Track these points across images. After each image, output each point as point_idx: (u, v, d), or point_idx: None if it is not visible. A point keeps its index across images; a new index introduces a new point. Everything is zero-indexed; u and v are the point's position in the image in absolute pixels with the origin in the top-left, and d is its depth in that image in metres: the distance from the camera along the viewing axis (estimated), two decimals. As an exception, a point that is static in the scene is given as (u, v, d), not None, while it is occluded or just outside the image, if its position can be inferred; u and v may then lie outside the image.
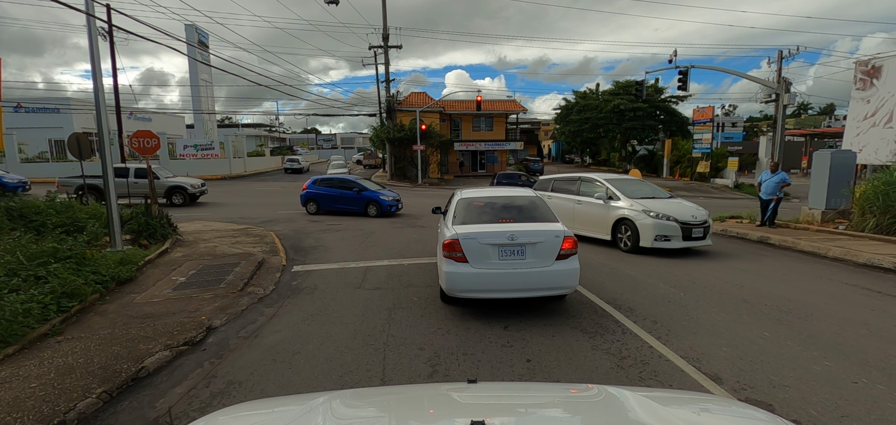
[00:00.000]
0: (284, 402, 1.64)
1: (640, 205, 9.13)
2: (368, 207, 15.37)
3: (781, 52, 21.28)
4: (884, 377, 3.78)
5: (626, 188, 9.78)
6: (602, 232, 9.66)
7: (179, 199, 17.23)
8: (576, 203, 10.33)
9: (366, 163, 51.74)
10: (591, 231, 9.90)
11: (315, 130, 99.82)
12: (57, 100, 33.95)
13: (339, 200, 15.58)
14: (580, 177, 10.76)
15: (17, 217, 8.33)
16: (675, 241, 8.72)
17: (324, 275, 7.35)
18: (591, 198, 9.98)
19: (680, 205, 9.37)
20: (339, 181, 16.19)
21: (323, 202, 15.67)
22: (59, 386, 3.60)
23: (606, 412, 1.39)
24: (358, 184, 15.89)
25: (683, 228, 8.72)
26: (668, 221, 8.74)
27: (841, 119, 48.66)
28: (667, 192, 10.26)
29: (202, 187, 18.25)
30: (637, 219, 8.94)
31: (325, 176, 17.24)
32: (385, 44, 31.69)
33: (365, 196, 15.43)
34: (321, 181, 16.20)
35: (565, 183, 11.05)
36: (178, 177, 18.34)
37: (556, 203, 10.29)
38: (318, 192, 15.74)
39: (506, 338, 4.62)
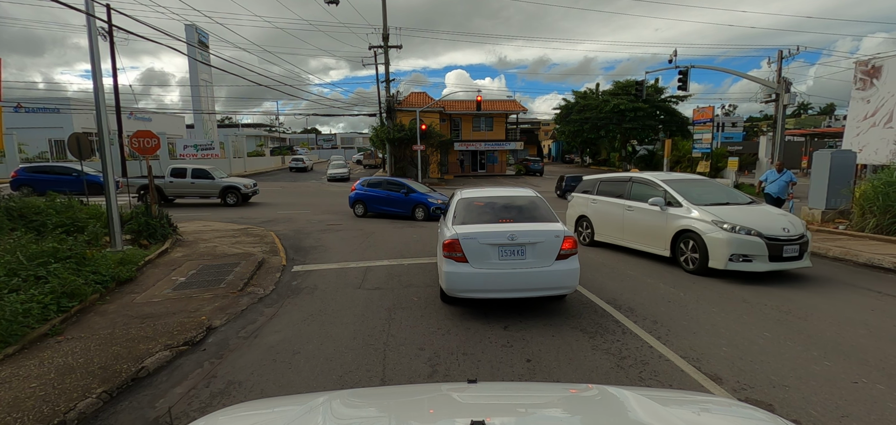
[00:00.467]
0: (284, 402, 1.64)
1: (709, 213, 7.18)
2: (416, 210, 15.01)
3: (781, 52, 21.27)
4: (884, 377, 3.78)
5: (690, 191, 7.88)
6: (658, 246, 7.92)
7: (233, 199, 17.26)
8: (625, 209, 8.65)
9: (366, 163, 51.75)
10: (645, 244, 8.25)
11: (315, 130, 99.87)
12: (57, 100, 33.94)
13: (387, 202, 15.30)
14: (632, 178, 8.92)
15: (17, 217, 8.33)
16: (758, 263, 6.68)
17: (324, 275, 7.35)
18: (644, 203, 8.19)
19: (764, 215, 7.31)
20: (387, 183, 15.99)
21: (371, 204, 15.42)
22: (59, 386, 3.60)
23: (606, 412, 1.39)
24: (406, 185, 15.62)
25: (771, 245, 6.65)
26: (749, 236, 6.68)
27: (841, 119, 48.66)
28: (745, 197, 8.26)
29: (254, 187, 18.29)
30: (706, 232, 6.98)
31: (373, 178, 16.82)
32: (385, 44, 31.68)
33: (412, 198, 15.12)
34: (370, 183, 15.99)
35: (613, 184, 9.38)
36: (232, 177, 18.47)
37: (601, 208, 9.29)
38: (366, 194, 15.51)
39: (506, 338, 4.62)
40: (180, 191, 17.24)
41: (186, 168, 17.55)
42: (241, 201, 17.52)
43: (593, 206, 9.57)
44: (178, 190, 17.18)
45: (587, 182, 10.28)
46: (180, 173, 17.24)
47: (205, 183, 17.18)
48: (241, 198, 17.48)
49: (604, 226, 9.24)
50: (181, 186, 17.15)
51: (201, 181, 17.18)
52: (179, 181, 17.09)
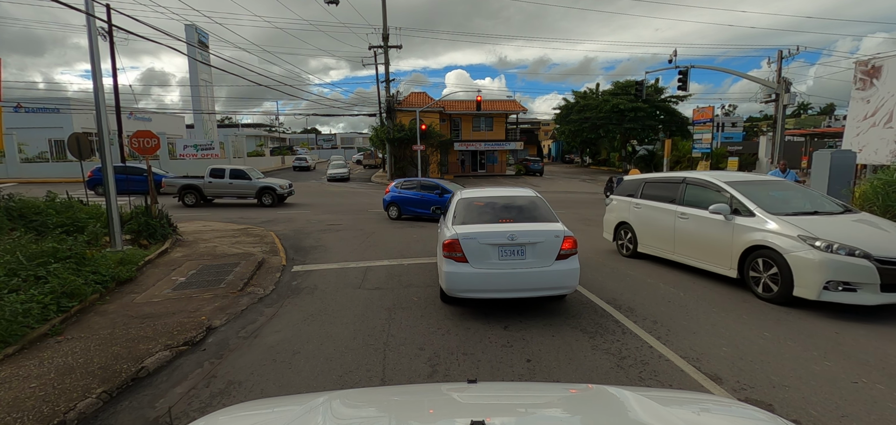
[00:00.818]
0: (284, 402, 1.64)
1: (792, 225, 5.58)
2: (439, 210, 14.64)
3: (781, 52, 21.28)
4: (884, 377, 3.78)
5: (763, 196, 6.32)
6: (721, 263, 6.36)
7: (269, 200, 17.31)
8: (677, 216, 7.18)
9: (366, 163, 51.75)
10: (702, 260, 6.72)
11: (315, 130, 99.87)
12: (57, 100, 33.93)
13: (422, 204, 14.73)
14: (685, 179, 7.36)
15: (17, 217, 8.33)
16: (866, 293, 4.99)
17: (324, 275, 7.35)
18: (702, 210, 6.71)
19: (869, 228, 5.65)
20: (420, 184, 15.53)
21: (405, 206, 14.90)
22: (59, 386, 3.60)
23: (606, 412, 1.39)
24: (440, 186, 15.31)
25: (885, 270, 4.92)
26: (852, 258, 5.02)
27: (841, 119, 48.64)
28: (836, 203, 6.54)
29: (289, 188, 18.31)
30: (790, 251, 5.40)
31: (407, 180, 16.29)
32: (385, 44, 31.69)
33: (447, 199, 14.90)
34: (404, 185, 15.51)
35: (662, 186, 7.91)
36: (269, 178, 18.44)
37: (646, 215, 8.01)
38: (401, 196, 15.01)
39: (506, 338, 4.62)
40: (219, 191, 17.40)
41: (224, 168, 17.68)
42: (277, 202, 17.51)
43: (637, 212, 8.29)
44: (217, 190, 17.36)
45: (629, 183, 8.99)
46: (219, 174, 17.40)
47: (242, 183, 17.30)
48: (277, 198, 17.47)
49: (649, 235, 7.98)
50: (220, 186, 17.30)
51: (239, 181, 17.30)
52: (218, 181, 17.26)
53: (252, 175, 17.68)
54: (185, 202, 17.14)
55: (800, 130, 49.25)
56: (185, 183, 17.41)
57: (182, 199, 17.21)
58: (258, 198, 17.40)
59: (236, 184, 17.31)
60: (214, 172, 17.49)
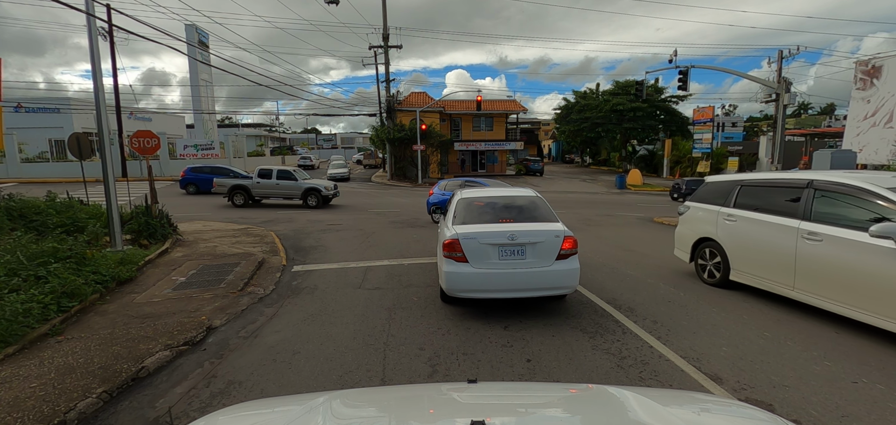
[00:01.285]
0: (284, 402, 1.64)
1: None
2: None
3: (782, 52, 21.26)
4: (884, 377, 3.78)
5: None
6: (890, 312, 4.30)
7: (314, 201, 17.24)
8: (803, 237, 5.12)
9: (366, 163, 51.77)
10: (855, 305, 4.63)
11: (315, 130, 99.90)
12: (57, 100, 33.96)
13: None
14: (813, 182, 5.25)
15: (17, 217, 8.33)
16: None
17: (324, 275, 7.35)
18: (847, 229, 4.72)
19: None
20: (465, 184, 14.39)
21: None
22: (59, 386, 3.60)
23: (606, 412, 1.39)
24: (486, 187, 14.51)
25: None
26: None
27: (841, 119, 48.63)
28: None
29: (335, 190, 18.17)
30: None
31: (451, 180, 15.29)
32: (385, 44, 31.70)
33: None
34: (449, 187, 14.54)
35: (771, 192, 5.83)
36: (314, 179, 18.40)
37: (744, 230, 5.98)
38: (445, 199, 13.70)
39: (506, 338, 4.62)
40: (266, 192, 17.41)
41: (272, 170, 17.67)
42: (322, 203, 17.38)
43: (729, 226, 6.23)
44: (264, 190, 17.37)
45: (715, 186, 6.85)
46: (267, 174, 17.43)
47: (288, 184, 17.31)
48: (322, 200, 17.36)
49: (750, 259, 5.94)
50: (267, 187, 17.32)
51: (285, 182, 17.32)
52: (265, 182, 17.29)
53: (298, 176, 17.62)
54: (234, 202, 17.15)
55: (800, 130, 49.24)
56: (234, 183, 17.42)
57: (231, 199, 17.17)
58: (303, 200, 17.32)
59: (283, 184, 17.28)
60: (262, 173, 17.50)
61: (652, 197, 26.40)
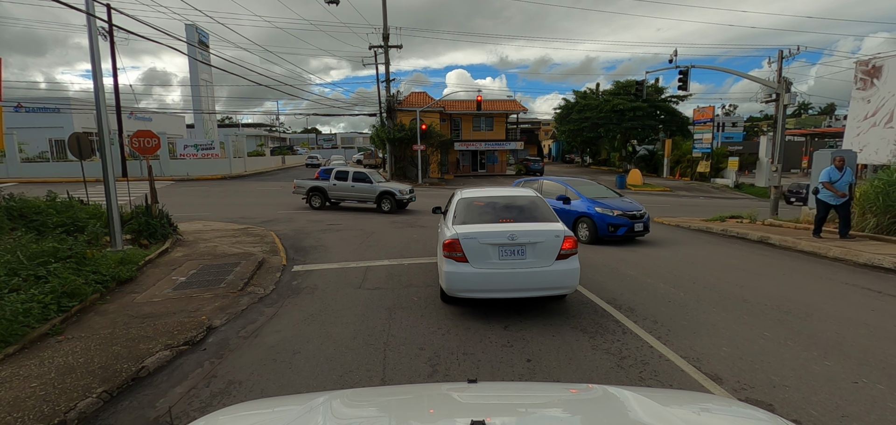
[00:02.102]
0: (284, 402, 1.64)
1: None
2: (579, 225, 10.50)
3: (782, 52, 21.24)
4: (884, 377, 3.78)
5: None
6: None
7: (387, 205, 16.65)
8: None
9: (366, 162, 51.79)
10: None
11: (315, 130, 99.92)
12: (58, 99, 33.97)
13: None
14: None
15: (17, 217, 8.33)
16: None
17: (324, 275, 7.35)
18: None
19: None
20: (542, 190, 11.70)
21: None
22: (59, 386, 3.60)
23: (606, 412, 1.39)
24: (565, 192, 11.15)
25: None
26: None
27: (841, 119, 48.64)
28: None
29: (410, 194, 17.34)
30: None
31: (528, 180, 13.10)
32: (385, 44, 31.70)
33: (574, 210, 10.59)
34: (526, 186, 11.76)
35: None
36: (390, 183, 17.79)
37: None
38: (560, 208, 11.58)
39: (506, 338, 4.62)
40: (342, 194, 16.95)
41: (348, 171, 17.14)
42: (397, 208, 16.61)
43: None
44: (341, 192, 16.91)
45: None
46: (343, 176, 16.91)
47: (363, 186, 16.78)
48: (397, 204, 16.58)
49: None
50: (342, 189, 16.85)
51: (360, 185, 16.77)
52: (341, 184, 16.78)
53: (373, 179, 16.94)
54: (312, 204, 16.87)
55: (800, 130, 49.22)
56: (312, 184, 16.99)
57: (309, 201, 16.89)
58: (377, 203, 16.69)
59: (357, 187, 16.73)
60: (339, 175, 16.93)
61: (652, 196, 26.40)
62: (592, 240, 10.20)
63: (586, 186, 11.70)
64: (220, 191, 24.01)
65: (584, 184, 11.91)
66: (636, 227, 10.26)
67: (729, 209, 16.25)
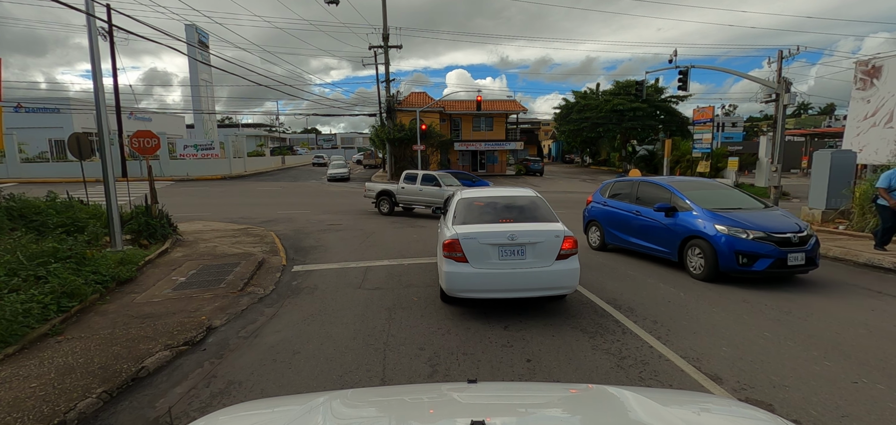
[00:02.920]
0: (284, 402, 1.64)
1: None
2: (689, 248, 7.12)
3: (782, 53, 21.25)
4: (884, 377, 3.78)
5: None
6: None
7: None
8: None
9: (366, 163, 51.78)
10: None
11: (315, 130, 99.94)
12: (58, 99, 33.97)
13: (637, 231, 8.24)
14: None
15: (17, 217, 8.33)
16: None
17: (324, 275, 7.35)
18: None
19: None
20: (637, 196, 8.59)
21: (612, 229, 8.87)
22: (59, 386, 3.60)
23: (606, 412, 1.39)
24: (674, 200, 7.67)
25: None
26: None
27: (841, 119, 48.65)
28: None
29: None
30: None
31: (621, 180, 9.84)
32: (385, 44, 31.70)
33: (682, 226, 7.28)
34: (616, 191, 9.23)
35: None
36: (454, 187, 17.67)
37: None
38: (607, 212, 9.08)
39: (506, 338, 4.62)
40: (410, 198, 16.32)
41: (417, 174, 16.36)
42: None
43: None
44: (409, 196, 16.26)
45: None
46: (411, 179, 16.20)
47: (432, 190, 16.07)
48: None
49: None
50: (411, 192, 16.17)
51: (429, 187, 16.05)
52: (410, 187, 16.03)
53: (442, 181, 15.94)
54: (380, 209, 16.04)
55: (800, 130, 49.24)
56: (382, 188, 16.13)
57: (378, 206, 16.08)
58: (444, 208, 16.13)
59: (426, 191, 15.94)
60: (408, 177, 16.15)
61: (652, 197, 26.37)
62: (710, 275, 6.67)
63: (706, 189, 7.96)
64: (219, 191, 24.01)
65: (702, 187, 8.19)
66: (792, 259, 6.42)
67: (729, 209, 16.21)
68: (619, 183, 9.56)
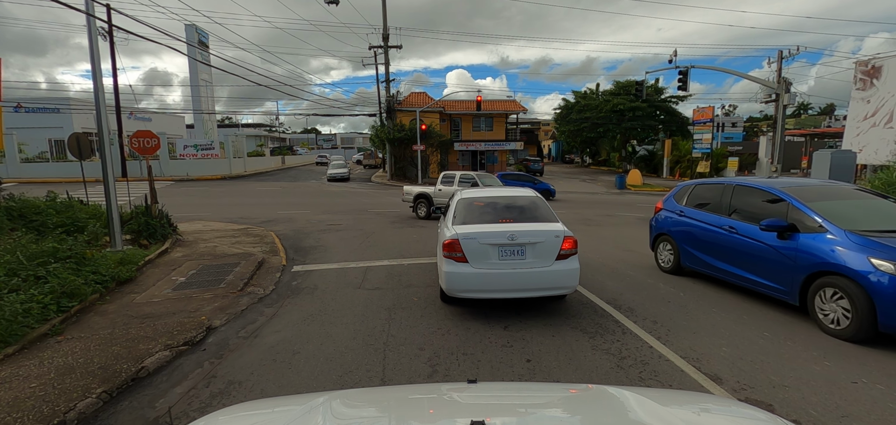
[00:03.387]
0: (284, 402, 1.64)
1: None
2: (825, 287, 4.75)
3: (781, 53, 21.25)
4: (884, 377, 3.78)
5: None
6: None
7: None
8: None
9: (366, 163, 51.75)
10: None
11: (315, 130, 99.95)
12: (58, 99, 33.98)
13: (730, 254, 6.04)
14: None
15: (17, 217, 8.33)
16: None
17: (324, 275, 7.35)
18: None
19: None
20: (729, 204, 6.30)
21: (689, 247, 6.80)
22: (59, 386, 3.60)
23: (606, 412, 1.39)
24: (794, 213, 5.29)
25: None
26: None
27: (841, 119, 48.65)
28: None
29: None
30: None
31: (701, 184, 7.28)
32: (385, 44, 31.70)
33: (813, 254, 4.91)
34: (696, 197, 7.02)
35: None
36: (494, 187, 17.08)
37: None
38: (683, 227, 6.96)
39: (506, 338, 4.62)
40: (444, 202, 15.58)
41: (454, 175, 15.50)
42: None
43: None
44: (445, 200, 15.34)
45: None
46: (449, 180, 15.50)
47: (451, 191, 15.75)
48: None
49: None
50: (446, 195, 14.97)
51: (448, 188, 15.23)
52: (446, 188, 15.08)
53: (481, 182, 15.28)
54: (418, 213, 14.93)
55: (800, 130, 49.24)
56: (419, 191, 15.14)
57: (415, 210, 15.01)
58: None
59: (447, 191, 15.18)
60: (446, 179, 15.37)
61: (652, 197, 26.40)
62: (859, 333, 4.41)
63: (840, 199, 5.53)
64: (219, 191, 24.01)
65: (833, 193, 5.68)
66: None
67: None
68: (703, 186, 7.09)
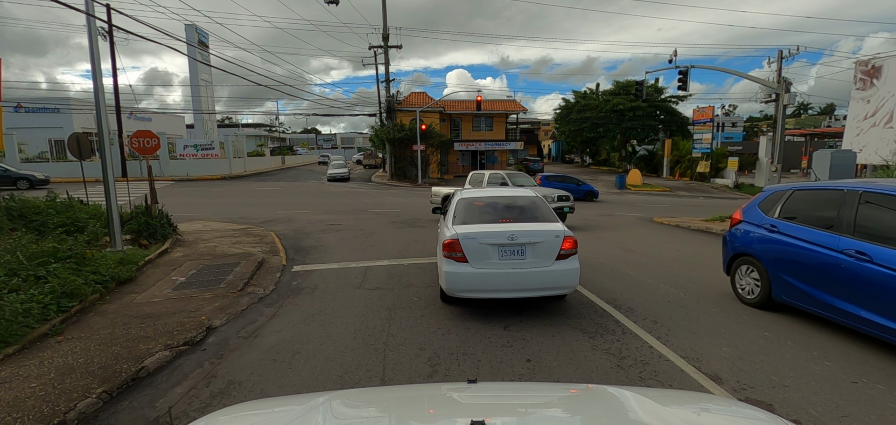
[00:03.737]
0: (284, 402, 1.64)
1: None
2: None
3: (781, 53, 21.24)
4: (884, 377, 3.78)
5: None
6: None
7: None
8: None
9: (366, 163, 51.76)
10: None
11: (315, 130, 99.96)
12: (58, 99, 33.98)
13: (853, 290, 4.27)
14: None
15: (17, 217, 8.33)
16: None
17: (324, 275, 7.35)
18: None
19: None
20: (852, 217, 4.43)
21: (784, 275, 5.04)
22: (59, 386, 3.60)
23: (606, 412, 1.39)
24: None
25: None
26: None
27: (841, 119, 48.66)
28: None
29: (567, 202, 15.48)
30: None
31: (801, 186, 5.43)
32: (385, 44, 31.70)
33: None
34: (797, 203, 5.20)
35: None
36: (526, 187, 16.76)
37: None
38: (777, 245, 5.20)
39: (506, 338, 4.62)
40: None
41: (483, 175, 15.41)
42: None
43: None
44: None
45: None
46: (478, 181, 15.30)
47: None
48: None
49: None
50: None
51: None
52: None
53: (512, 181, 15.02)
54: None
55: (800, 130, 49.25)
56: (447, 192, 14.63)
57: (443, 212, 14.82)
58: None
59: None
60: (473, 180, 15.22)
61: (652, 197, 26.40)
62: None
63: None
64: (219, 191, 24.01)
65: None
66: None
67: (729, 209, 16.23)
68: (806, 192, 5.26)
